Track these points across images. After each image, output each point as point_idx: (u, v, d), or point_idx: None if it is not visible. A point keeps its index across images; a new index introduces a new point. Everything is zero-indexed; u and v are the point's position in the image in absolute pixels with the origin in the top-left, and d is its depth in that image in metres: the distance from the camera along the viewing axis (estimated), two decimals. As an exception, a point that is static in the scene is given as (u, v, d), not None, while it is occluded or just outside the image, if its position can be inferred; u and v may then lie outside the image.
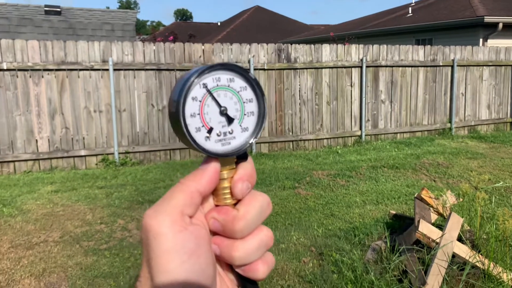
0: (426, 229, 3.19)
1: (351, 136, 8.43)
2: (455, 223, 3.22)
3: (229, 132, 0.43)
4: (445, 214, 3.62)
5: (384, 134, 8.66)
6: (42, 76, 6.49)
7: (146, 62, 7.03)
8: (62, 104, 6.64)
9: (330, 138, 8.29)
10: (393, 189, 5.49)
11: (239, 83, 0.43)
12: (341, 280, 3.24)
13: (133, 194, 5.45)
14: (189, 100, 0.40)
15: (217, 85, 0.42)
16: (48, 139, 6.61)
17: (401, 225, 4.02)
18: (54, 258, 3.72)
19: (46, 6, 12.30)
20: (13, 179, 6.09)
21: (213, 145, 0.42)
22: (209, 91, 0.42)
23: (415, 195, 3.74)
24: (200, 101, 0.41)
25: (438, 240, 3.09)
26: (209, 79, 0.42)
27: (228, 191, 0.43)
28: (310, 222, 4.48)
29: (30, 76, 6.43)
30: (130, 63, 6.92)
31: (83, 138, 6.80)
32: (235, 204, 0.43)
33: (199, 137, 0.41)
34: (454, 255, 3.06)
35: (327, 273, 3.37)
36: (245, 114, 0.44)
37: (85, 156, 6.81)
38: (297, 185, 5.72)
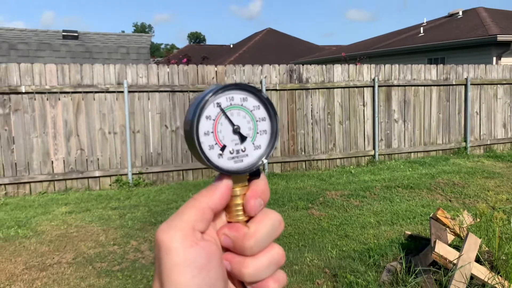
0: (442, 250, 3.12)
1: (364, 156, 8.37)
2: (473, 244, 3.14)
3: (242, 150, 0.44)
4: (462, 235, 3.54)
5: (398, 153, 8.58)
6: (59, 99, 6.64)
7: (160, 84, 7.15)
8: (78, 126, 6.76)
9: (343, 158, 8.24)
10: (408, 209, 5.40)
11: (252, 102, 0.44)
12: (356, 302, 3.17)
13: (146, 215, 5.47)
14: (203, 119, 0.41)
15: (231, 104, 0.43)
16: (64, 160, 6.71)
17: (416, 246, 3.94)
18: (67, 280, 3.72)
19: (64, 31, 12.69)
20: (29, 200, 6.17)
21: (226, 162, 0.43)
22: (222, 110, 0.43)
23: (431, 215, 3.68)
24: (214, 120, 0.42)
25: (455, 261, 3.02)
26: (223, 99, 0.43)
27: (240, 208, 0.44)
28: (324, 243, 4.42)
29: (47, 99, 6.58)
30: (145, 85, 7.05)
31: (98, 159, 6.88)
32: (247, 221, 0.43)
33: (212, 154, 0.42)
34: (472, 277, 2.98)
35: (342, 295, 3.30)
36: (257, 133, 0.45)
37: (99, 177, 6.88)
38: (310, 206, 5.67)
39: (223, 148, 0.43)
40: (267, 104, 0.45)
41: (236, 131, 0.44)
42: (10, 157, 6.47)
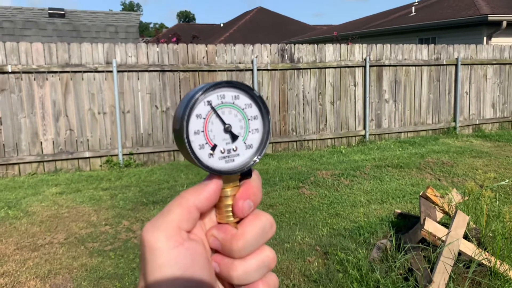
0: (431, 227, 3.17)
1: (355, 136, 8.41)
2: (461, 221, 3.20)
3: (233, 149, 0.43)
4: (450, 213, 3.60)
5: (388, 133, 8.64)
6: (47, 79, 6.52)
7: (150, 63, 7.05)
8: (67, 106, 6.67)
9: (334, 138, 8.27)
10: (397, 188, 5.47)
11: (244, 100, 0.43)
12: (347, 279, 3.23)
13: (138, 195, 5.46)
14: (193, 118, 0.40)
15: (222, 102, 0.42)
16: (53, 141, 6.64)
17: (406, 224, 4.00)
18: (59, 260, 3.72)
19: (50, 9, 12.36)
20: (18, 181, 6.12)
21: (216, 162, 0.42)
22: (213, 108, 0.41)
23: (421, 194, 3.73)
24: (204, 119, 0.41)
25: (444, 238, 3.08)
26: (214, 96, 0.41)
27: (230, 209, 0.42)
28: (314, 221, 4.47)
29: (34, 79, 6.46)
30: (134, 64, 6.94)
31: (87, 140, 6.82)
32: (238, 223, 0.42)
33: (203, 154, 0.41)
34: (460, 253, 3.04)
35: (332, 272, 3.35)
36: (249, 131, 0.44)
37: (89, 157, 6.83)
38: (301, 185, 5.71)
39: (213, 147, 0.42)
40: (259, 103, 0.44)
41: (227, 130, 0.42)
42: (-3, 138, 6.37)
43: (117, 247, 3.95)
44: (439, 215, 3.60)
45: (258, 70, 7.59)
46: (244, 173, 0.43)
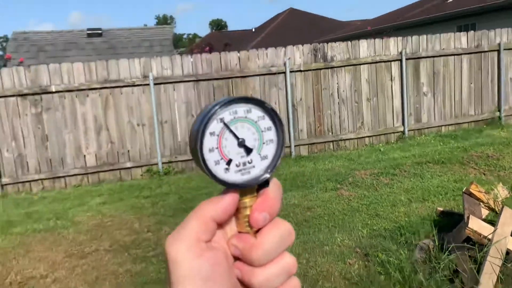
0: (476, 225, 3.03)
1: (393, 133, 8.19)
2: (508, 218, 3.04)
3: (249, 162, 0.44)
4: (497, 209, 3.43)
5: (428, 128, 8.35)
6: (88, 95, 6.82)
7: (185, 74, 7.20)
8: (107, 120, 6.94)
9: (372, 136, 8.10)
10: (439, 185, 5.27)
11: (256, 113, 0.44)
12: (389, 281, 3.15)
13: (177, 202, 5.59)
14: (207, 136, 0.41)
15: (234, 118, 0.43)
16: (95, 154, 6.93)
17: (449, 222, 3.85)
18: (106, 266, 3.88)
19: (88, 29, 12.94)
20: (65, 193, 6.43)
21: (232, 175, 0.43)
22: (226, 125, 0.42)
23: (464, 190, 3.58)
24: (218, 135, 0.42)
25: (490, 237, 2.94)
26: (226, 113, 0.42)
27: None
28: (354, 223, 4.39)
29: (76, 96, 6.77)
30: (169, 76, 7.12)
31: (128, 151, 7.06)
32: (257, 231, 0.43)
33: (218, 169, 0.43)
34: (508, 252, 2.89)
35: (374, 274, 3.28)
36: (263, 143, 0.45)
37: (130, 168, 7.07)
38: (339, 186, 5.63)
39: (228, 162, 0.43)
40: (272, 114, 0.45)
41: (241, 144, 0.43)
42: (45, 153, 6.73)
43: (159, 253, 4.06)
44: (484, 212, 3.44)
45: (291, 72, 7.57)
46: (262, 184, 0.44)
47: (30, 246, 4.44)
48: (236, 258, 0.43)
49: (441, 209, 4.18)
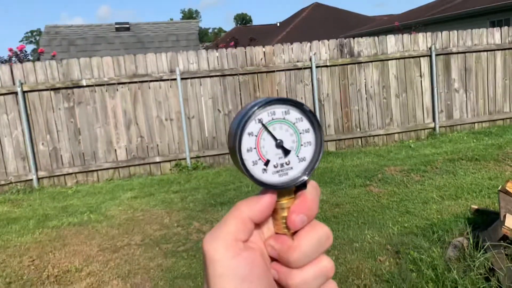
0: (514, 224, 2.95)
1: (424, 129, 8.03)
2: (548, 217, 2.95)
3: (286, 163, 0.44)
4: (535, 208, 3.32)
5: (460, 124, 8.15)
6: (117, 90, 6.95)
7: (211, 69, 7.25)
8: (136, 115, 7.06)
9: (402, 132, 7.96)
10: (473, 183, 5.14)
11: (294, 115, 0.44)
12: (421, 278, 3.10)
13: (206, 197, 5.65)
14: (245, 136, 0.42)
15: (272, 119, 0.43)
16: (126, 148, 7.06)
17: (484, 220, 3.76)
18: (137, 260, 3.96)
19: (116, 23, 13.17)
20: (97, 187, 6.59)
21: (270, 176, 0.43)
22: (264, 126, 0.43)
23: (499, 188, 3.48)
24: (256, 136, 0.42)
25: (529, 236, 2.85)
26: (264, 114, 0.43)
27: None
28: (384, 220, 4.34)
29: (106, 90, 6.92)
30: (196, 71, 7.18)
31: (157, 146, 7.17)
32: (294, 233, 0.43)
33: (256, 170, 0.43)
34: (549, 252, 2.80)
35: (405, 271, 3.24)
36: (302, 145, 0.45)
37: (159, 162, 7.18)
38: (368, 183, 5.57)
39: (266, 163, 0.43)
40: (310, 116, 0.45)
41: (279, 145, 0.43)
42: (78, 147, 6.91)
43: (189, 248, 4.11)
44: (522, 211, 3.33)
45: (316, 67, 7.51)
46: (299, 185, 0.44)
47: (65, 239, 4.57)
48: (273, 259, 0.43)
49: (476, 207, 4.08)
